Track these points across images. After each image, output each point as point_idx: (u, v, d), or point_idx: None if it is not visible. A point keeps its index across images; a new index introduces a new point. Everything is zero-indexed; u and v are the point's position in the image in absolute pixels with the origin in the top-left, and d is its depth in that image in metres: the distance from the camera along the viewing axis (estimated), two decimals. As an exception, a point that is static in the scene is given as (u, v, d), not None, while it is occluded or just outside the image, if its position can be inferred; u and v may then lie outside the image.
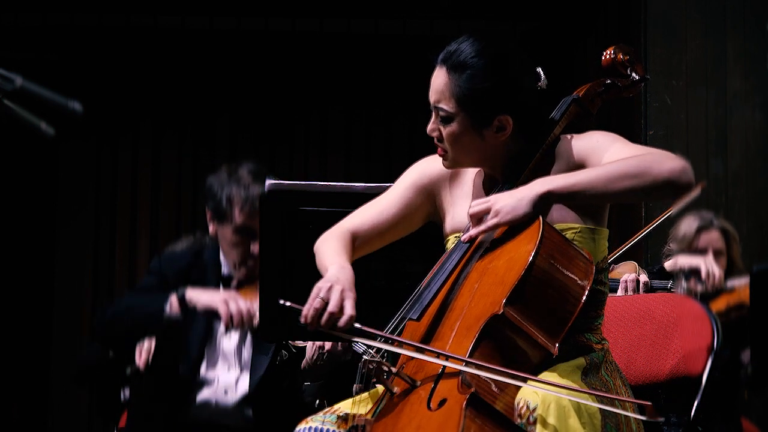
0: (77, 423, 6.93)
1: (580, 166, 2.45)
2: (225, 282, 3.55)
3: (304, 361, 3.57)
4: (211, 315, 3.35)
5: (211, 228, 3.58)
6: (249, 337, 3.52)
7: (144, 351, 3.56)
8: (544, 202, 2.33)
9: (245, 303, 3.26)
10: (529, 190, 2.34)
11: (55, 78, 4.58)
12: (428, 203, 2.63)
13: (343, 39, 7.29)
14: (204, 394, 3.49)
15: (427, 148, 2.64)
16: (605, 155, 2.42)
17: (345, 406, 2.40)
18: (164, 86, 7.27)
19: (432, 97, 2.48)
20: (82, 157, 7.27)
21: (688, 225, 4.52)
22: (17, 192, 7.12)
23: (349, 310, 2.29)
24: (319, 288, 2.32)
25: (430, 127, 2.50)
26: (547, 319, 2.24)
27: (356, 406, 2.38)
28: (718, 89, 5.42)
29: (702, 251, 4.41)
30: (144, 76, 7.27)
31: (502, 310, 2.20)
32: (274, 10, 7.17)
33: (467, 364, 2.16)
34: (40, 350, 7.03)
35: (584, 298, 2.27)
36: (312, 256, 2.55)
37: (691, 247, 4.40)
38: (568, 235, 2.40)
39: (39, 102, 2.03)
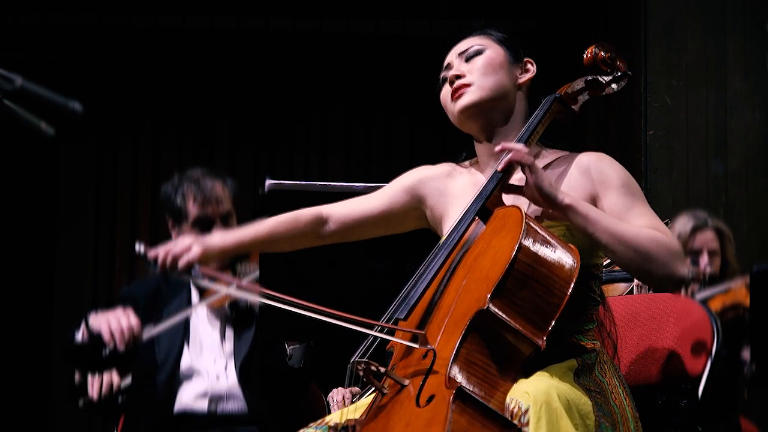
0: (77, 423, 6.93)
1: (591, 188, 2.48)
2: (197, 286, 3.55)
3: None
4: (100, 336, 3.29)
5: (173, 235, 3.58)
6: (229, 330, 3.53)
7: (97, 383, 3.47)
8: (559, 209, 2.37)
9: (125, 319, 3.20)
10: (562, 194, 2.38)
11: (55, 78, 4.57)
12: (415, 206, 2.65)
13: (343, 39, 7.29)
14: (197, 384, 3.48)
15: (426, 147, 2.64)
16: (624, 207, 2.44)
17: (336, 417, 2.41)
18: (164, 86, 7.27)
19: (461, 46, 2.63)
20: (82, 157, 7.27)
21: (682, 225, 4.50)
22: (17, 192, 7.12)
23: (193, 252, 2.46)
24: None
25: (452, 72, 2.59)
26: (533, 313, 2.26)
27: (345, 416, 2.38)
28: (718, 89, 5.42)
29: (697, 252, 4.40)
30: (144, 77, 7.27)
31: (487, 305, 2.21)
32: (274, 10, 7.17)
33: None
34: (40, 350, 7.02)
35: (570, 290, 2.27)
36: (313, 256, 2.55)
37: (686, 247, 4.39)
38: (559, 231, 2.41)
39: (39, 102, 2.03)
